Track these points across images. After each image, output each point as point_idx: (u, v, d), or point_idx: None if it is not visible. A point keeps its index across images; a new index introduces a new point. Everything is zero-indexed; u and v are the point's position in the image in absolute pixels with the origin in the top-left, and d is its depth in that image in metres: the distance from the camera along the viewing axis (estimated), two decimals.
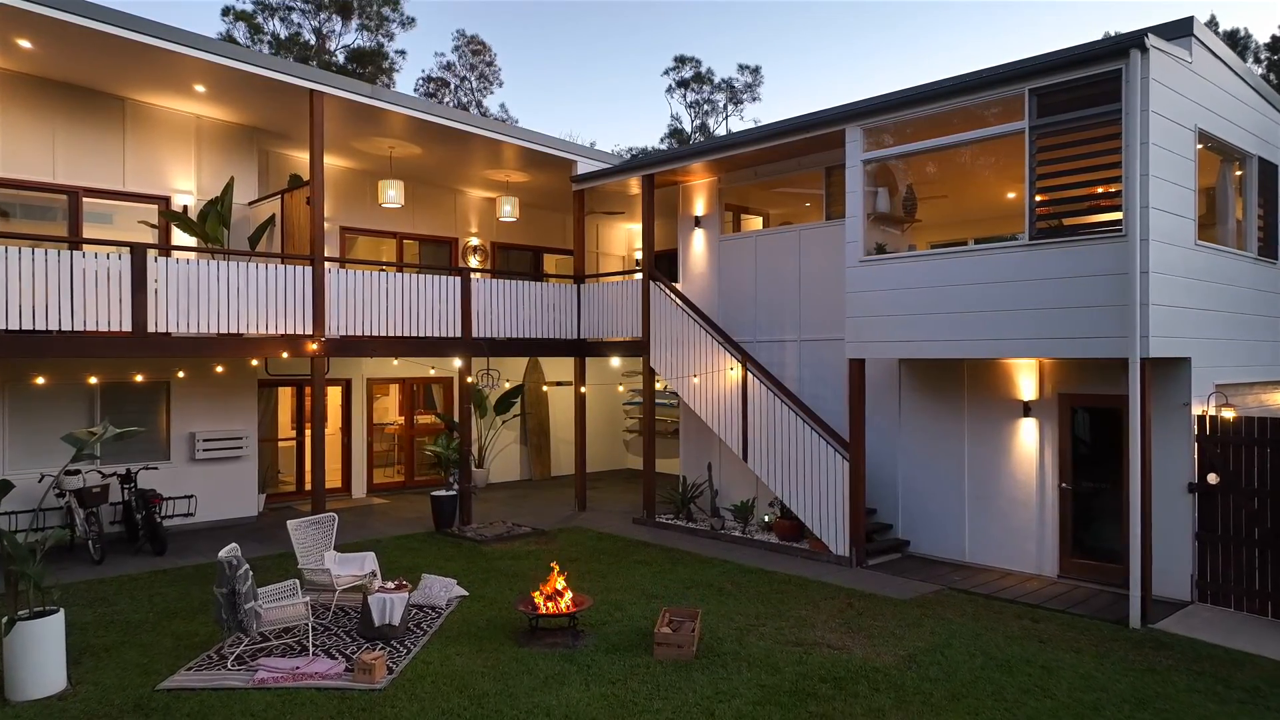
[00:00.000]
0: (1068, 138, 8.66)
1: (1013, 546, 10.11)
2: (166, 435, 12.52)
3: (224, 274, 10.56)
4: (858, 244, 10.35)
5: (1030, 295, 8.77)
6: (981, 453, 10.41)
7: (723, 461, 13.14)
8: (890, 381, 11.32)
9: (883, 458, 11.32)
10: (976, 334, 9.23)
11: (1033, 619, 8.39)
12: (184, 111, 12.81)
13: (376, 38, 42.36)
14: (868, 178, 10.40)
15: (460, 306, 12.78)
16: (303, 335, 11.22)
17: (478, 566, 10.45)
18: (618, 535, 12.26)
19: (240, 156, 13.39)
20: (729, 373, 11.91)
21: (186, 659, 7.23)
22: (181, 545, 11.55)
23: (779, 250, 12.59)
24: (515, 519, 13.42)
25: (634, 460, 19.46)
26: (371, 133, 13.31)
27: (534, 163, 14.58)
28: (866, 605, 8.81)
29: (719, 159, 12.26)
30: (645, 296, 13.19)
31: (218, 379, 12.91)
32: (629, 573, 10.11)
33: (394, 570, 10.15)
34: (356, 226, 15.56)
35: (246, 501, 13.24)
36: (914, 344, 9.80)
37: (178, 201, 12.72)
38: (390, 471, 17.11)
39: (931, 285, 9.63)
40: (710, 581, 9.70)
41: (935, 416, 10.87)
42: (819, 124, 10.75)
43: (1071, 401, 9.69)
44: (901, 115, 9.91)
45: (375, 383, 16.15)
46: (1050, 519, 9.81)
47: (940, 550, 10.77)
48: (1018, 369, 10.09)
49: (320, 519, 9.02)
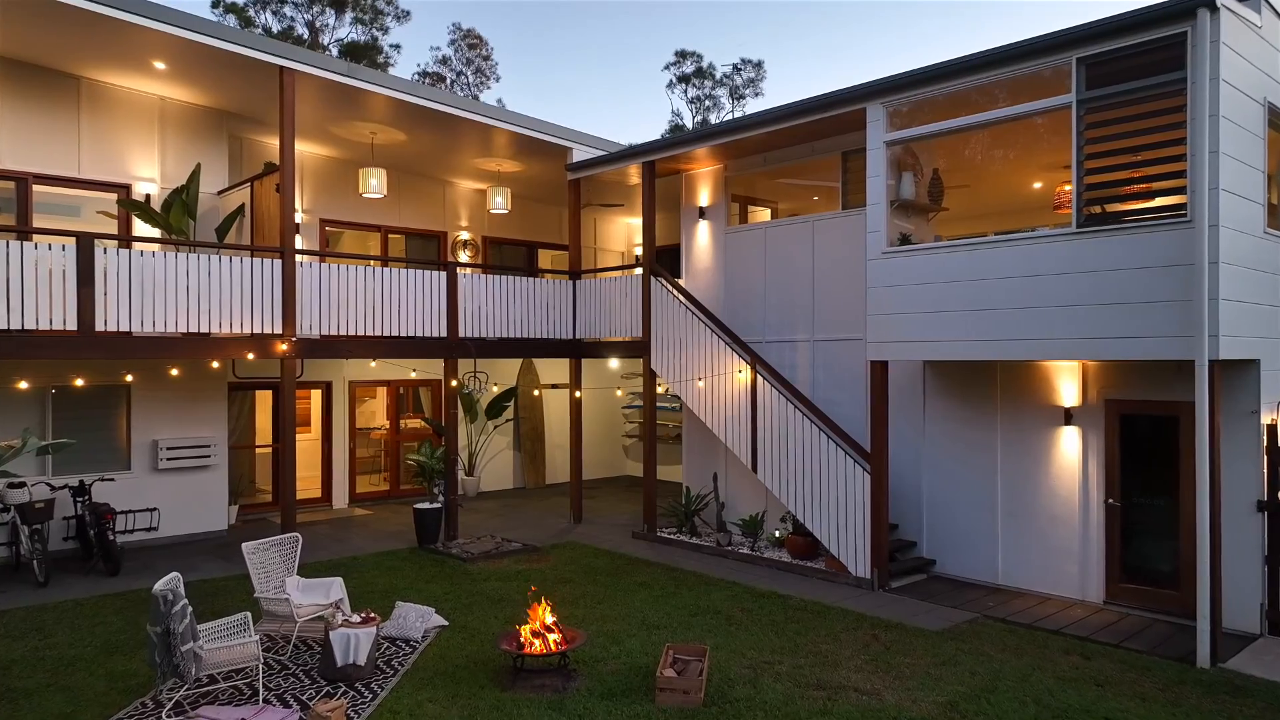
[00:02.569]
0: (1121, 112, 7.69)
1: (1052, 568, 9.15)
2: (127, 443, 11.55)
3: (184, 268, 9.61)
4: (880, 234, 9.40)
5: (1078, 290, 7.81)
6: (1017, 464, 9.45)
7: (729, 471, 12.17)
8: (913, 385, 10.36)
9: (905, 468, 10.35)
10: (1015, 333, 8.27)
11: (1083, 655, 7.43)
12: (146, 93, 11.83)
13: (371, 31, 41.53)
14: (890, 161, 9.45)
15: (446, 304, 11.83)
16: (271, 335, 10.29)
17: (461, 589, 9.49)
18: (615, 552, 11.30)
19: (209, 142, 12.41)
20: (737, 375, 10.95)
21: (118, 705, 6.28)
22: (140, 564, 10.59)
23: (791, 243, 11.62)
24: (505, 533, 12.46)
25: (634, 467, 18.47)
26: (351, 117, 12.35)
27: (527, 150, 13.62)
28: (895, 638, 7.85)
29: (726, 143, 11.30)
30: (646, 293, 12.23)
31: (184, 382, 11.94)
32: (627, 597, 9.16)
33: (369, 593, 9.20)
34: (337, 219, 14.59)
35: (215, 514, 12.28)
36: (943, 344, 8.85)
37: (139, 190, 11.74)
38: (376, 479, 16.15)
39: (963, 279, 8.68)
40: (718, 608, 8.74)
41: (964, 424, 9.91)
42: (837, 103, 9.79)
43: (1119, 408, 8.72)
44: (930, 91, 8.95)
45: (359, 385, 15.18)
46: (1095, 538, 8.84)
47: (970, 571, 9.80)
48: (1058, 372, 9.14)
49: (283, 540, 8.07)
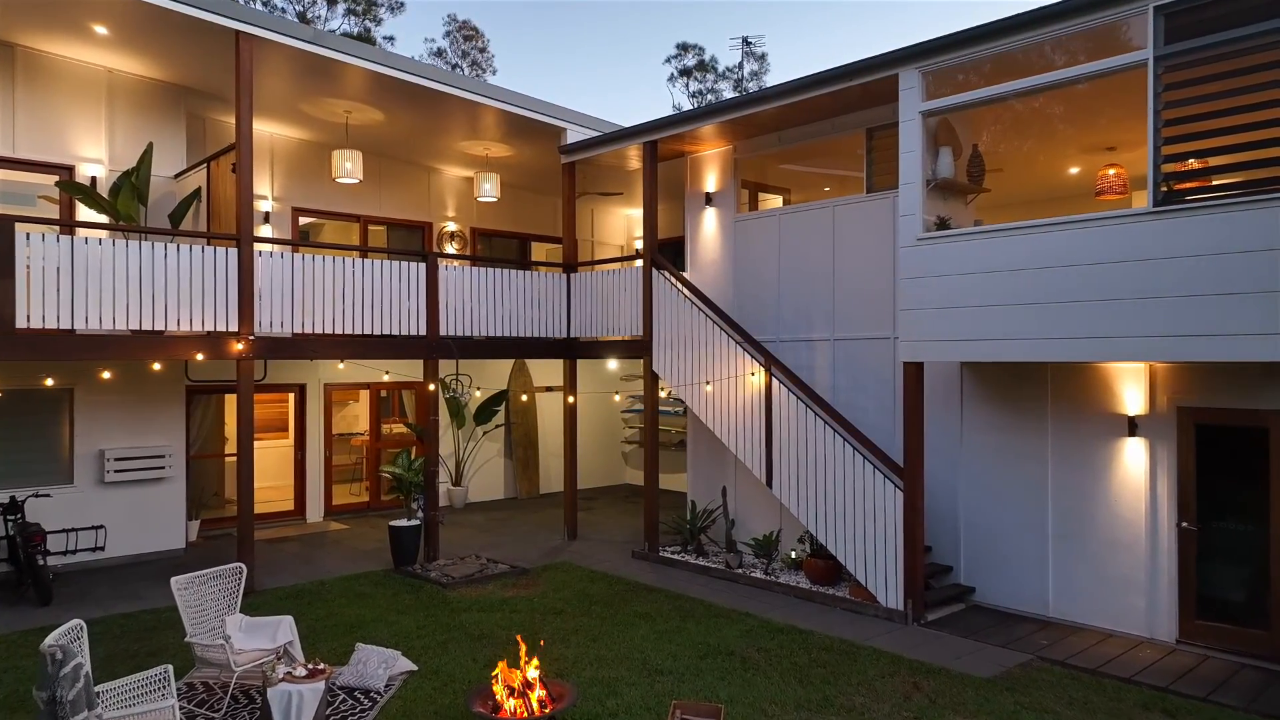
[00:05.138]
0: (1207, 70, 6.54)
1: (1114, 600, 7.98)
2: (69, 454, 10.38)
3: (131, 257, 8.49)
4: (915, 218, 8.24)
5: (1154, 280, 6.65)
6: (1070, 480, 8.29)
7: (739, 484, 11.01)
8: (949, 389, 9.20)
9: (939, 483, 9.19)
10: (1074, 330, 7.11)
11: (1166, 711, 6.27)
12: (91, 64, 10.65)
13: (364, 22, 40.48)
14: (927, 135, 8.29)
15: (425, 299, 10.68)
16: (226, 333, 9.14)
17: (437, 621, 8.34)
18: (613, 575, 10.14)
19: (164, 120, 11.24)
20: (749, 379, 9.79)
21: None
22: (78, 591, 9.44)
23: (808, 231, 10.46)
24: (492, 551, 11.30)
25: (633, 474, 17.29)
26: (322, 93, 11.19)
27: (517, 131, 12.46)
28: (940, 687, 6.69)
29: (736, 119, 10.12)
30: (647, 287, 11.07)
31: (135, 385, 10.77)
32: (627, 632, 8.00)
33: (331, 627, 8.05)
34: (311, 208, 13.41)
35: (171, 531, 11.10)
36: (989, 344, 7.69)
37: (84, 172, 10.58)
38: (357, 488, 15.01)
39: (1012, 269, 7.52)
40: (730, 647, 7.58)
41: (1008, 433, 8.75)
42: (865, 69, 8.62)
43: (1194, 417, 7.55)
44: (974, 53, 7.79)
45: (336, 388, 14.02)
46: (1166, 567, 7.68)
47: (1015, 601, 8.64)
48: (1120, 376, 7.98)
49: (223, 571, 6.91)
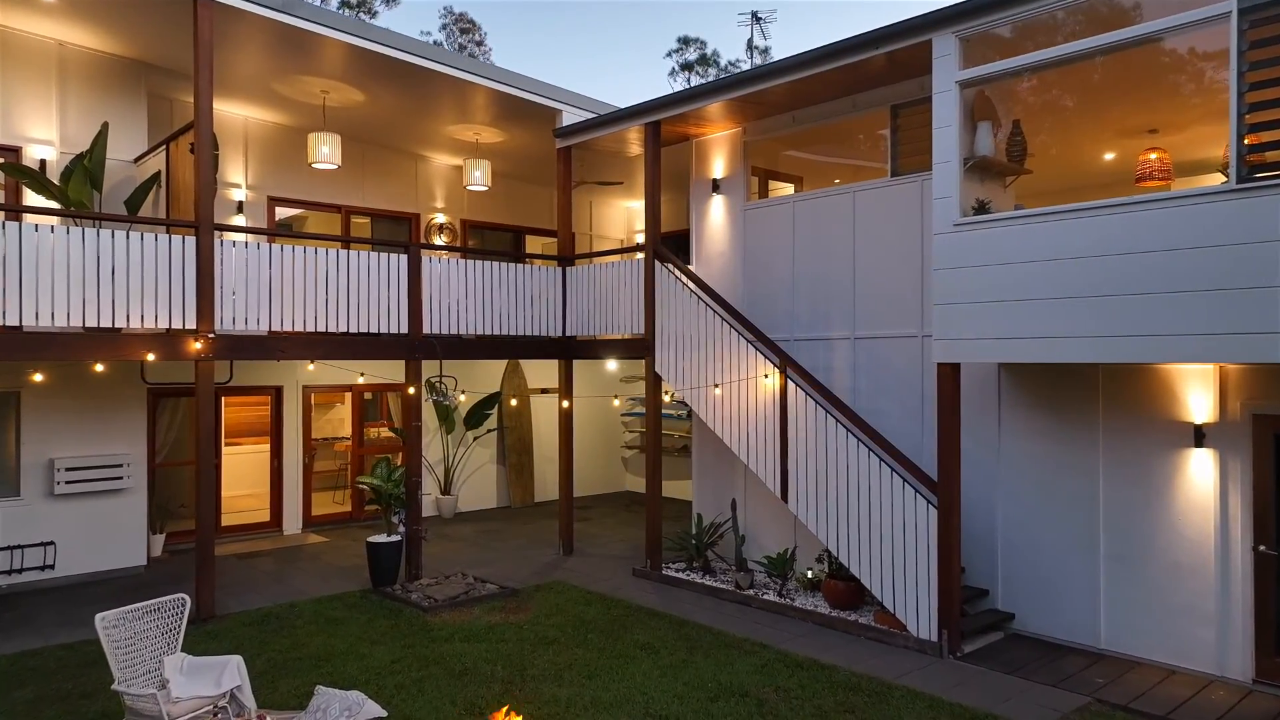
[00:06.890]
0: None
1: (1178, 632, 7.08)
2: (15, 463, 9.46)
3: (78, 247, 7.62)
4: (951, 201, 7.33)
5: (1234, 269, 5.75)
6: (1125, 495, 7.38)
7: (749, 495, 10.11)
8: (985, 393, 8.29)
9: (975, 497, 8.27)
10: (1137, 328, 6.21)
11: None
12: (38, 36, 9.74)
13: (358, 15, 39.81)
14: (964, 109, 7.39)
15: (407, 294, 9.78)
16: (183, 330, 8.25)
17: (415, 653, 7.43)
18: (612, 597, 9.23)
19: (121, 99, 10.33)
20: (763, 381, 8.89)
21: None
22: (23, 615, 8.54)
23: (826, 219, 9.55)
24: (480, 568, 10.39)
25: (634, 481, 16.36)
26: (297, 69, 10.29)
27: (510, 114, 11.55)
28: None
29: (746, 96, 9.21)
30: (649, 281, 10.16)
31: (90, 389, 9.86)
32: (627, 667, 7.09)
33: (295, 660, 7.15)
34: (288, 197, 12.51)
35: (131, 547, 10.19)
36: (1036, 343, 6.79)
37: (33, 154, 9.67)
38: (340, 497, 14.10)
39: (1064, 257, 6.62)
40: (744, 686, 6.67)
41: (1053, 442, 7.84)
42: (892, 36, 7.71)
43: (1274, 426, 6.65)
44: (1018, 12, 6.89)
45: (316, 390, 13.11)
46: (1239, 595, 6.77)
47: (1060, 630, 7.73)
48: (1184, 378, 7.07)
49: (164, 603, 5.98)
